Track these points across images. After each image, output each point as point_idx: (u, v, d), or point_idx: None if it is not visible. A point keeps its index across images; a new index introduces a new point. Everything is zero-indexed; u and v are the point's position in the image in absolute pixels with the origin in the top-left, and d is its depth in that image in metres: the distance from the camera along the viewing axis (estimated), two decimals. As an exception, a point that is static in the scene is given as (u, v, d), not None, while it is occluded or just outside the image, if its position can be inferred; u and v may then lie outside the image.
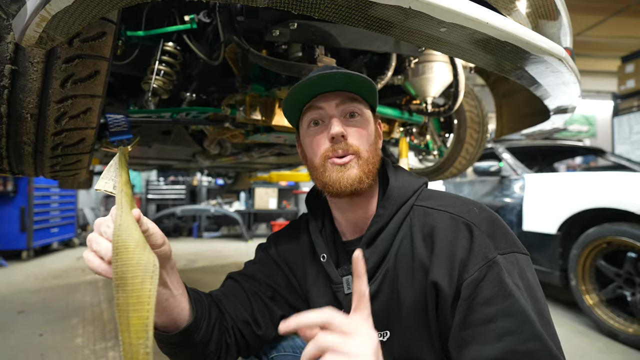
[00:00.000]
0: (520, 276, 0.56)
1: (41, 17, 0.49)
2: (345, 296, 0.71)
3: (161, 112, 1.11)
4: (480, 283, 0.55)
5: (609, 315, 2.03)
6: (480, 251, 0.57)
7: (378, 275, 0.68)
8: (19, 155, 0.78)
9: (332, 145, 0.67)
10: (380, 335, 0.67)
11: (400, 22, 0.57)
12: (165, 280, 0.59)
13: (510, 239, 0.60)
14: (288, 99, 0.70)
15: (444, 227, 0.62)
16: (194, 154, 2.11)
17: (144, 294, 0.44)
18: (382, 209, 0.69)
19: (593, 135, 8.76)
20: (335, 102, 0.68)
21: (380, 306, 0.67)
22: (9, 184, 3.93)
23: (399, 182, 0.71)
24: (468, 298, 0.55)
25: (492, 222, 0.61)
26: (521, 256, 0.59)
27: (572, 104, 1.07)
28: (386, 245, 0.67)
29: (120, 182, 0.59)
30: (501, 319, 0.52)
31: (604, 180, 2.11)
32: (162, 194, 6.56)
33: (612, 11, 4.92)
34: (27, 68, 0.63)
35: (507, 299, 0.53)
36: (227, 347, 0.71)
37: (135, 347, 0.42)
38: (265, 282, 0.79)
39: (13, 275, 3.43)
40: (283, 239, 0.86)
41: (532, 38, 0.67)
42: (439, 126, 2.02)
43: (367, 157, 0.68)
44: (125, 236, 0.47)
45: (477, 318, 0.54)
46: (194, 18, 0.97)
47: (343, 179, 0.65)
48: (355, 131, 0.68)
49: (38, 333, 2.06)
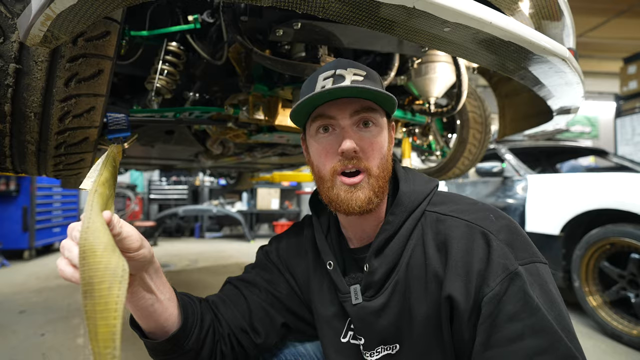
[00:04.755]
0: (543, 289, 0.52)
1: (46, 16, 0.49)
2: (352, 306, 0.67)
3: (164, 112, 1.11)
4: (503, 297, 0.51)
5: (612, 317, 2.02)
6: (499, 262, 0.53)
7: (387, 286, 0.64)
8: (22, 154, 0.78)
9: (342, 160, 0.62)
10: (390, 348, 0.65)
11: (403, 22, 0.57)
12: (148, 285, 0.57)
13: (531, 249, 0.56)
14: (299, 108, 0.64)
15: (459, 237, 0.58)
16: (197, 154, 2.12)
17: (111, 300, 0.41)
18: (392, 215, 0.65)
19: (595, 136, 8.73)
20: (349, 112, 0.62)
21: (389, 319, 0.63)
22: (12, 183, 3.94)
23: (409, 187, 0.67)
24: (490, 315, 0.52)
25: (511, 230, 0.57)
26: (542, 266, 0.55)
27: (575, 105, 1.07)
28: (396, 255, 0.63)
29: (97, 182, 0.56)
30: (529, 337, 0.49)
31: (607, 181, 2.10)
32: (164, 194, 6.58)
33: (614, 12, 4.91)
34: (32, 67, 0.64)
35: (534, 315, 0.49)
36: (223, 355, 0.69)
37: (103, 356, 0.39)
38: (265, 289, 0.76)
39: (15, 275, 3.44)
40: (285, 243, 0.83)
41: (535, 38, 0.67)
42: (442, 127, 2.01)
43: (378, 173, 0.63)
44: (92, 239, 0.44)
45: (502, 336, 0.50)
46: (197, 18, 0.97)
47: (352, 200, 0.61)
48: (368, 144, 0.63)
49: (39, 333, 2.07)
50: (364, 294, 0.66)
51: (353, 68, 0.64)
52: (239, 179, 4.09)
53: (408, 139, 1.61)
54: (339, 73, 0.63)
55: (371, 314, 0.65)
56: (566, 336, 0.49)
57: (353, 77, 0.62)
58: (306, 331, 0.80)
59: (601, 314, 2.06)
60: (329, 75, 0.63)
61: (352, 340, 0.70)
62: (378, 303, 0.64)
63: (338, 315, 0.72)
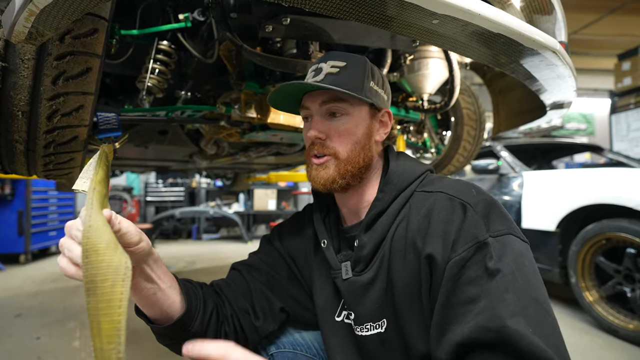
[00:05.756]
0: (516, 261, 0.53)
1: (29, 12, 0.49)
2: (342, 281, 0.70)
3: (156, 111, 1.11)
4: (467, 263, 0.53)
5: (609, 312, 2.03)
6: (470, 231, 0.56)
7: (375, 260, 0.67)
8: (10, 153, 0.77)
9: (312, 145, 0.70)
10: (379, 326, 0.66)
11: (393, 15, 0.57)
12: (149, 275, 0.59)
13: (507, 224, 0.57)
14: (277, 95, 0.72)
15: (440, 208, 0.61)
16: (191, 154, 2.11)
17: (114, 297, 0.42)
18: (382, 193, 0.69)
19: (591, 133, 8.78)
20: (319, 102, 0.69)
21: (377, 294, 0.66)
22: (7, 187, 3.91)
23: (399, 167, 0.71)
24: (452, 278, 0.54)
25: (489, 205, 0.59)
26: (517, 240, 0.56)
27: (568, 99, 1.07)
28: (384, 230, 0.66)
29: (94, 180, 0.57)
30: (482, 299, 0.50)
31: (603, 177, 2.11)
32: (161, 196, 6.55)
33: (608, 9, 4.94)
34: (18, 65, 0.63)
35: (491, 280, 0.51)
36: (226, 335, 0.71)
37: (107, 352, 0.40)
38: (266, 272, 0.79)
39: (11, 279, 3.41)
40: (287, 230, 0.86)
41: (525, 30, 0.66)
42: (436, 124, 2.01)
43: (346, 157, 0.68)
44: (94, 238, 0.45)
45: (459, 298, 0.52)
46: (188, 16, 0.96)
47: (317, 177, 0.69)
48: (334, 131, 0.69)
49: (35, 336, 2.05)
50: (354, 269, 0.69)
51: (332, 60, 0.69)
52: (235, 180, 4.08)
53: (402, 136, 1.61)
54: (320, 66, 0.69)
55: (360, 288, 0.67)
56: (534, 306, 0.49)
57: (329, 70, 0.68)
58: (304, 317, 0.81)
59: (598, 309, 2.06)
60: (314, 68, 0.71)
61: (345, 319, 0.73)
62: (366, 277, 0.67)
63: (332, 293, 0.75)
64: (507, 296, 0.49)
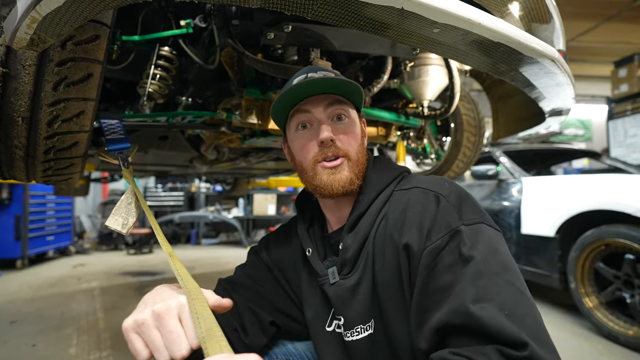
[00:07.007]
0: (489, 247, 0.54)
1: (32, 19, 0.49)
2: (330, 286, 0.70)
3: (156, 116, 1.11)
4: (442, 251, 0.54)
5: (608, 318, 2.02)
6: (444, 220, 0.57)
7: (360, 262, 0.67)
8: (10, 159, 0.77)
9: (321, 149, 0.68)
10: (368, 328, 0.66)
11: (393, 23, 0.57)
12: None
13: (479, 213, 0.59)
14: (278, 104, 0.71)
15: (415, 201, 0.62)
16: (192, 159, 2.11)
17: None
18: (362, 195, 0.70)
19: (589, 139, 8.83)
20: (323, 106, 0.69)
21: (363, 295, 0.65)
22: (4, 191, 3.89)
23: (376, 169, 0.73)
24: (428, 266, 0.55)
25: (461, 196, 0.61)
26: (489, 229, 0.57)
27: (566, 106, 1.07)
28: (366, 230, 0.67)
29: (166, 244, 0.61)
30: (457, 285, 0.51)
31: (601, 183, 2.12)
32: (160, 201, 6.53)
33: (604, 17, 5.00)
34: (19, 71, 0.63)
35: (465, 266, 0.52)
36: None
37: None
38: (252, 287, 0.79)
39: (7, 284, 3.38)
40: (274, 242, 0.86)
41: (524, 39, 0.67)
42: (436, 130, 2.02)
43: (356, 158, 0.70)
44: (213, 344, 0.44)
45: (435, 286, 0.53)
46: (190, 23, 0.97)
47: (335, 181, 0.67)
48: (344, 134, 0.69)
49: (31, 343, 2.03)
50: (340, 272, 0.69)
51: (323, 71, 0.71)
52: (235, 184, 4.07)
53: (403, 142, 1.61)
54: (310, 76, 0.69)
55: (347, 291, 0.67)
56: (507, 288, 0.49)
57: (324, 74, 0.69)
58: (295, 330, 0.81)
59: (597, 315, 2.05)
60: (302, 79, 0.69)
61: (336, 329, 0.72)
62: (353, 280, 0.66)
63: (322, 303, 0.74)
64: (481, 281, 0.50)
